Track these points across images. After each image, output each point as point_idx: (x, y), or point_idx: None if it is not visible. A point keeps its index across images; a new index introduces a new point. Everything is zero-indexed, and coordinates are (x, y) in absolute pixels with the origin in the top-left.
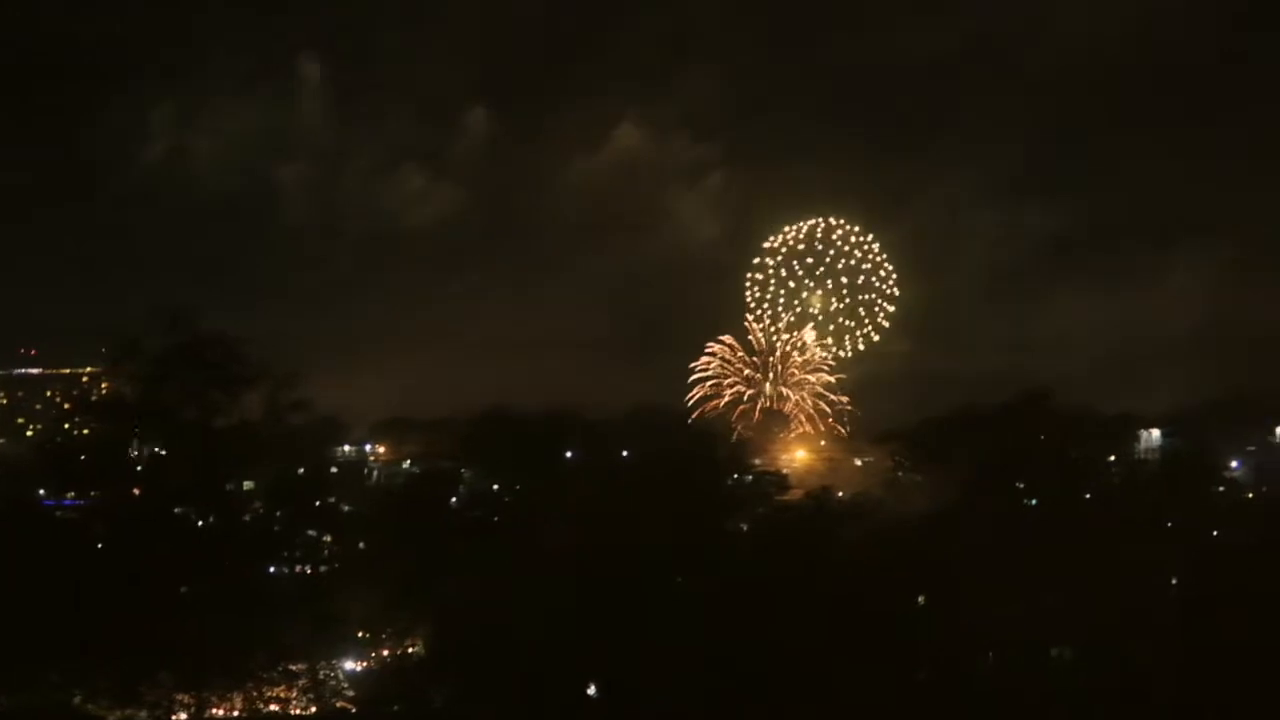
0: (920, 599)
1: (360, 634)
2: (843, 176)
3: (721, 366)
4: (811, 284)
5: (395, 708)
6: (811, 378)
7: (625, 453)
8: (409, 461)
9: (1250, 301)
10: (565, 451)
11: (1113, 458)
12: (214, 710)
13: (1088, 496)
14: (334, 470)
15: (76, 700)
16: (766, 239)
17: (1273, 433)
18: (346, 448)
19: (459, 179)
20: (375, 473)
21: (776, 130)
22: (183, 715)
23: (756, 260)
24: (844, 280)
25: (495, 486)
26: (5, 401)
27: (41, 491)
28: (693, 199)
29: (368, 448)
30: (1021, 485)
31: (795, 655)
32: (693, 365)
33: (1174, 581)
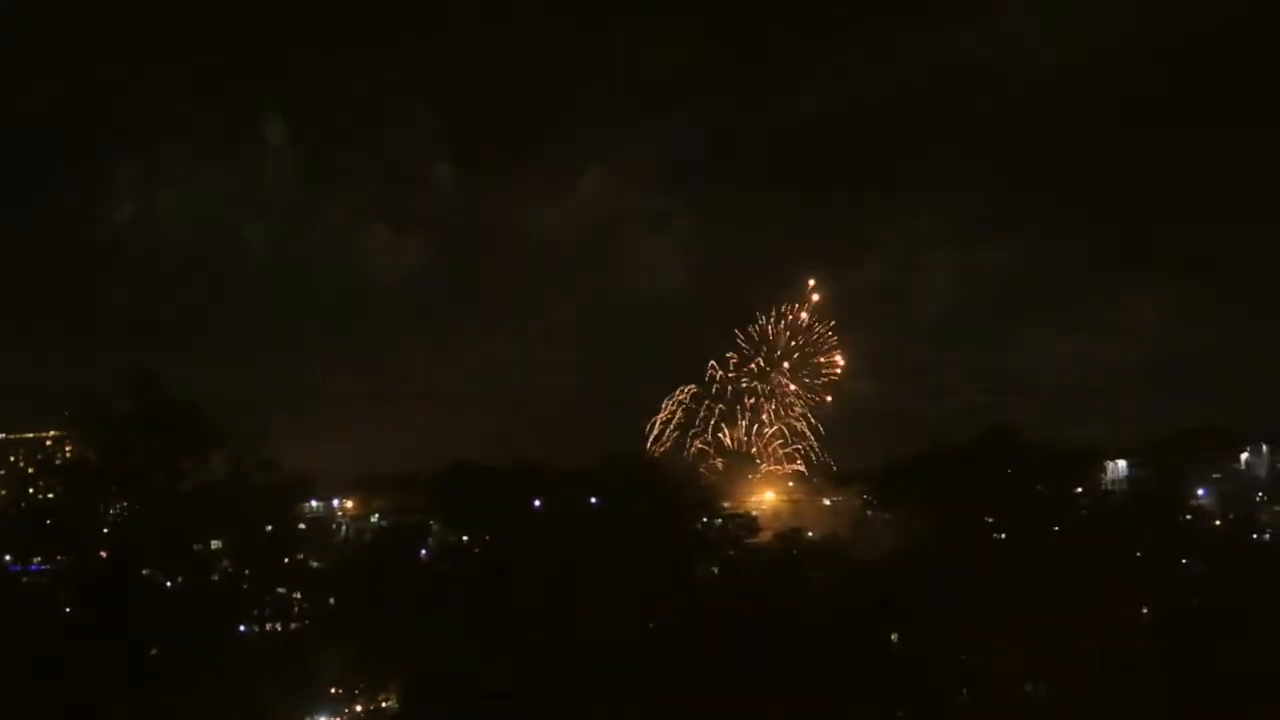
0: (894, 637)
1: (333, 690)
2: (807, 220)
3: (685, 414)
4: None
5: None
6: (777, 422)
7: (594, 500)
8: (377, 516)
9: (1213, 333)
10: (533, 501)
11: (1080, 490)
12: None
13: (1056, 529)
14: (302, 527)
15: None
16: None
17: (1238, 460)
18: (314, 503)
19: (425, 234)
20: (344, 528)
21: (741, 176)
22: None
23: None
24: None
25: (464, 538)
26: None
27: (7, 557)
28: (659, 247)
29: (335, 503)
30: (990, 520)
31: (772, 697)
32: (654, 419)
33: (1145, 611)
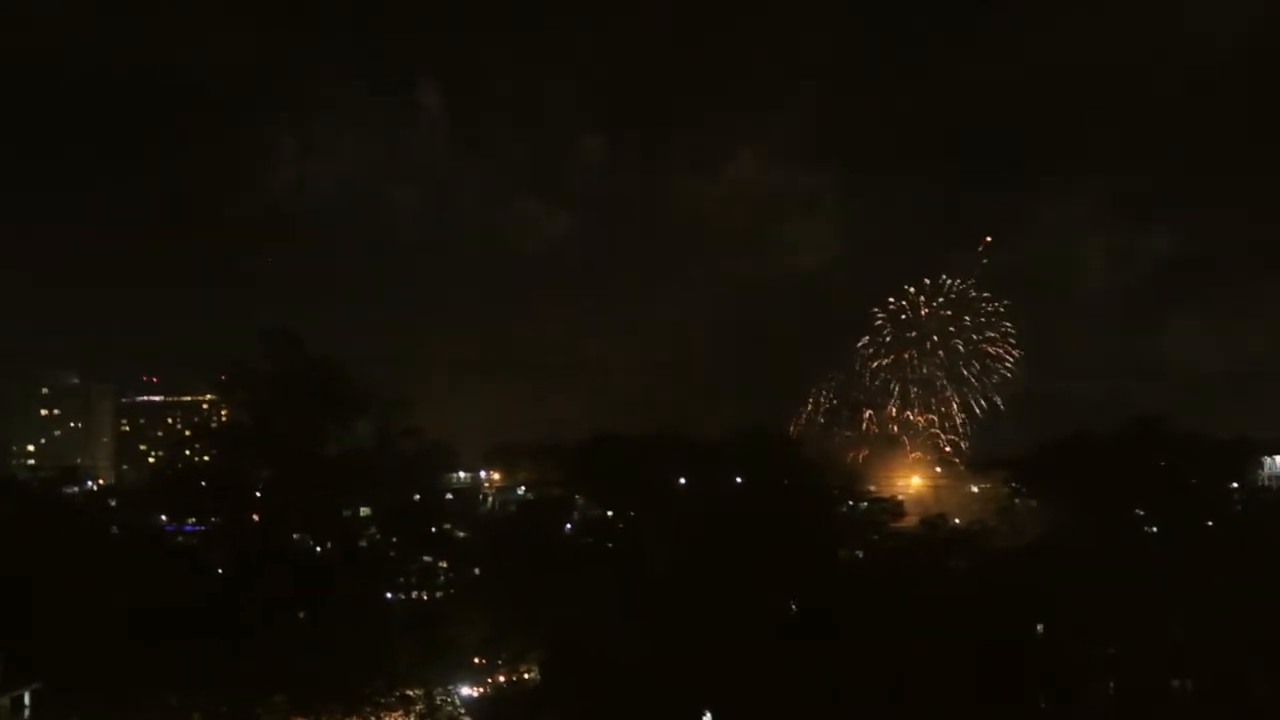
0: (1039, 627)
1: (475, 659)
2: (958, 199)
3: (833, 397)
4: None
5: None
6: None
7: (738, 479)
8: (523, 488)
9: None
10: (676, 477)
11: (1235, 484)
12: None
13: (1209, 524)
14: (448, 497)
15: None
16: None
17: None
18: (461, 474)
19: (573, 204)
20: (489, 499)
21: (892, 154)
22: None
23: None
24: (960, 348)
25: (608, 513)
26: (128, 428)
27: (163, 517)
28: (807, 223)
29: (481, 474)
30: (1140, 512)
31: (912, 683)
32: (802, 402)
33: None
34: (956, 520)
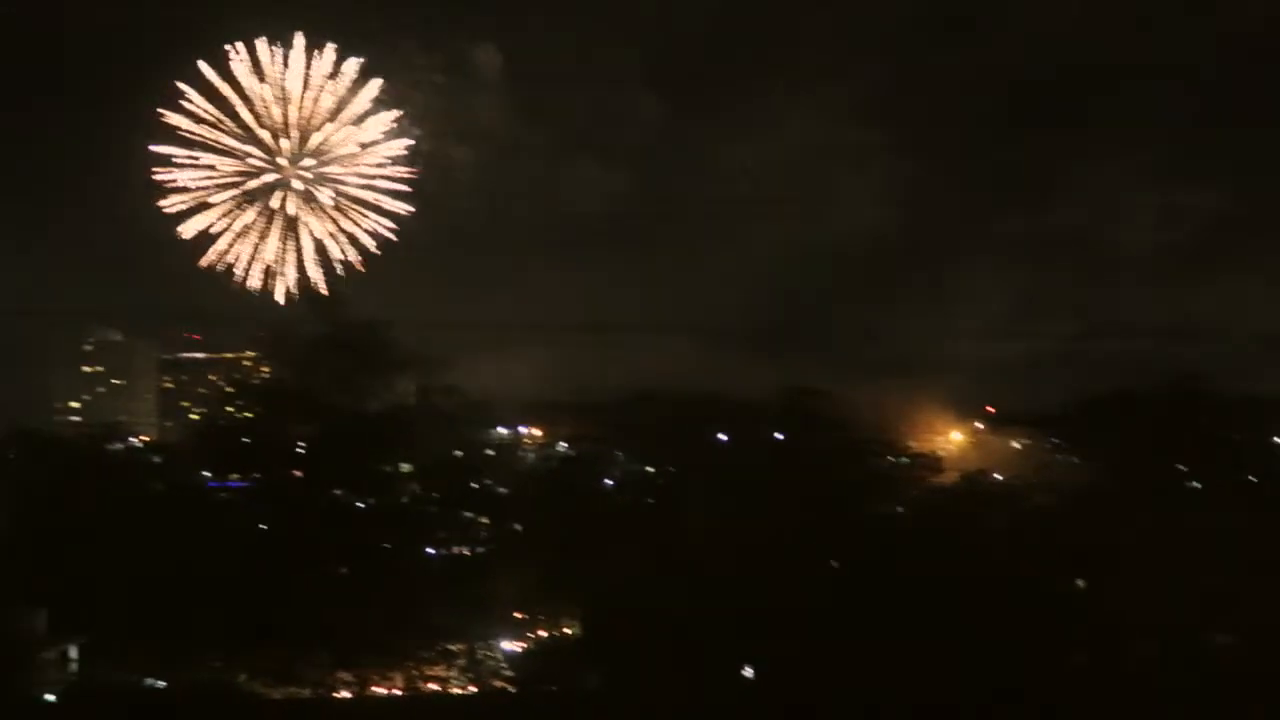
0: (1079, 583)
1: (516, 615)
2: (1004, 160)
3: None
4: None
5: (551, 688)
6: None
7: (778, 435)
8: (563, 444)
9: None
10: (717, 434)
11: (1277, 440)
12: (375, 688)
13: (1252, 479)
14: (488, 453)
15: (241, 679)
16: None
17: None
18: (501, 430)
19: (624, 165)
20: (530, 455)
21: (942, 116)
22: (345, 693)
23: None
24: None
25: (649, 469)
26: (171, 385)
27: (206, 474)
28: (856, 183)
29: (522, 430)
30: (1183, 468)
31: (952, 638)
32: (844, 357)
33: None
34: (997, 476)
